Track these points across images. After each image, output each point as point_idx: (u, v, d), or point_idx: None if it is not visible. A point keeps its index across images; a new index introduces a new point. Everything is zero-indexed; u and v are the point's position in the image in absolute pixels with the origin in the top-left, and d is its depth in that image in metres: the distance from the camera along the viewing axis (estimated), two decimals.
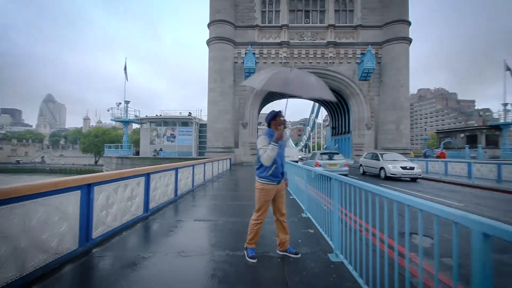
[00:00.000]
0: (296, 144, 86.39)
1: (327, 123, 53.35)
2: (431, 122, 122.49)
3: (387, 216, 1.88)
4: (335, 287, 2.41)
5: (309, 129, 70.84)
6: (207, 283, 2.46)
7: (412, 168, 12.08)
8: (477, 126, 33.86)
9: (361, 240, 2.31)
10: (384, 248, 2.27)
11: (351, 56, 24.98)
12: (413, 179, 12.38)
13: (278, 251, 3.16)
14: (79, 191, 3.23)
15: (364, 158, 15.45)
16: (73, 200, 3.13)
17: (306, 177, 5.04)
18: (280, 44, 24.93)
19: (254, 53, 24.02)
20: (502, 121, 26.13)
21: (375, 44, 24.42)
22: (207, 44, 24.75)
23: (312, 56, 25.02)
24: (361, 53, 24.55)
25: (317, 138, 74.19)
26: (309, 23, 25.59)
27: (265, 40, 25.22)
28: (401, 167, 12.06)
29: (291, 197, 6.86)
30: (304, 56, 25.05)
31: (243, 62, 24.19)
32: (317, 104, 47.30)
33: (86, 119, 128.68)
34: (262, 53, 25.03)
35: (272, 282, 2.49)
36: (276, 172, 2.91)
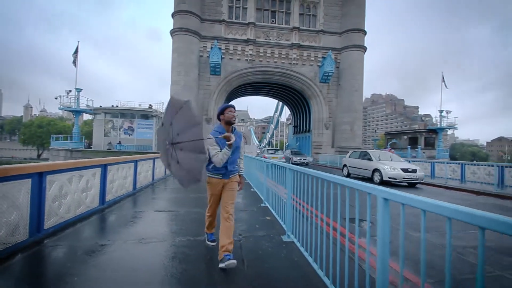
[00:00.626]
0: (260, 142, 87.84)
1: (289, 122, 55.31)
2: (381, 124, 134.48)
3: (333, 201, 2.24)
4: (285, 260, 2.75)
5: (273, 127, 72.52)
6: (167, 264, 2.60)
7: (414, 171, 9.81)
8: (417, 129, 38.26)
9: (306, 221, 2.67)
10: (330, 230, 2.66)
11: (313, 59, 26.32)
12: (412, 184, 10.02)
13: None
14: (30, 180, 3.08)
15: (350, 157, 12.79)
16: (23, 189, 2.98)
17: (266, 171, 5.38)
18: (247, 42, 25.16)
19: (220, 48, 23.88)
20: (438, 126, 29.97)
21: (334, 50, 26.08)
22: (171, 34, 23.89)
23: (277, 56, 25.76)
24: (322, 57, 26.03)
25: (280, 136, 76.41)
26: (275, 23, 26.25)
27: (231, 36, 25.20)
28: (401, 169, 9.71)
29: (252, 189, 7.18)
30: (269, 55, 25.65)
31: (208, 56, 23.89)
32: (280, 103, 48.66)
33: (28, 107, 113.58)
34: (228, 48, 25.00)
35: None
36: (222, 169, 2.68)
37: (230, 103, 2.88)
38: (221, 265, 2.45)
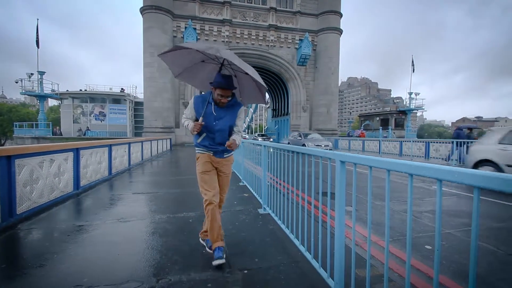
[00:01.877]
0: None
1: (268, 106, 55.45)
2: (357, 107, 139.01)
3: (314, 177, 2.43)
4: (261, 229, 2.97)
5: (252, 111, 72.35)
6: (148, 238, 2.72)
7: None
8: (389, 111, 40.14)
9: (280, 194, 2.88)
10: (306, 204, 2.89)
11: (290, 41, 26.16)
12: None
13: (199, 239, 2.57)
14: None
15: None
16: None
17: (243, 152, 5.53)
18: (223, 22, 24.34)
19: (195, 29, 22.93)
20: (407, 107, 31.62)
21: (311, 32, 26.07)
22: (141, 12, 22.43)
23: (255, 37, 25.28)
24: (300, 39, 25.95)
25: (260, 120, 76.56)
26: (251, 3, 25.51)
27: (206, 15, 24.21)
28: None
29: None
30: (246, 36, 25.10)
31: (183, 37, 22.89)
32: None
33: None
34: (204, 29, 24.08)
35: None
36: (206, 142, 2.30)
37: (223, 82, 2.16)
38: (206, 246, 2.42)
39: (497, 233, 3.09)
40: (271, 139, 21.03)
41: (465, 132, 10.94)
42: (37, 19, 23.04)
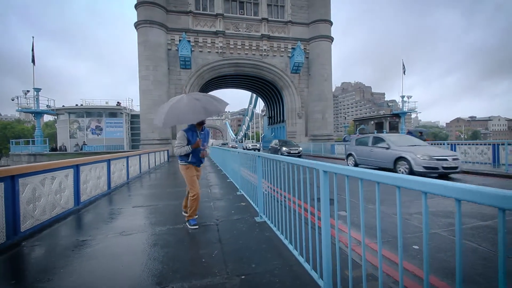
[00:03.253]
0: (236, 135, 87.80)
1: (264, 113, 55.92)
2: (352, 111, 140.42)
3: (302, 183, 2.60)
4: (257, 236, 3.11)
5: (248, 119, 72.73)
6: (150, 249, 2.84)
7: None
8: (382, 114, 40.69)
9: (276, 202, 3.03)
10: (297, 208, 3.04)
11: (283, 50, 26.73)
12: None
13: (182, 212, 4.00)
14: (2, 184, 3.09)
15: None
16: None
17: (239, 160, 5.68)
18: (216, 34, 24.85)
19: (189, 41, 23.35)
20: (400, 110, 32.14)
21: (303, 40, 26.69)
22: (136, 27, 22.86)
23: (248, 47, 25.79)
24: (292, 48, 26.53)
25: (256, 127, 76.90)
26: (244, 14, 26.13)
27: (200, 28, 24.72)
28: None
29: (228, 180, 7.47)
30: (240, 47, 25.60)
31: (177, 50, 23.30)
32: (254, 95, 48.87)
33: None
34: (198, 41, 24.54)
35: (208, 241, 3.03)
36: (194, 160, 3.57)
37: (202, 121, 3.55)
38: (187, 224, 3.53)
39: (480, 231, 3.25)
40: (298, 150, 19.10)
41: (417, 135, 12.44)
42: (32, 37, 23.31)
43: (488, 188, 0.77)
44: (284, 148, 16.61)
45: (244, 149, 22.94)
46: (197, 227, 3.48)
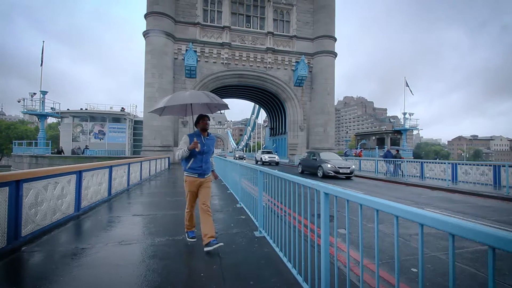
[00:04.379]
0: (237, 144, 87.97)
1: (266, 124, 56.18)
2: (353, 125, 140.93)
3: (303, 200, 2.64)
4: (256, 252, 3.11)
5: (250, 129, 73.01)
6: (148, 261, 2.84)
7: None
8: (384, 130, 40.80)
9: (276, 217, 3.05)
10: (297, 224, 3.06)
11: (287, 63, 27.19)
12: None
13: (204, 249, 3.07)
14: (7, 188, 3.14)
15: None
16: (1, 197, 3.04)
17: (240, 172, 5.72)
18: (222, 45, 25.37)
19: (195, 51, 23.84)
20: (402, 127, 32.27)
21: (307, 55, 27.17)
22: (144, 36, 23.41)
23: (253, 59, 26.26)
24: (296, 61, 26.99)
25: (258, 138, 77.08)
26: (250, 27, 26.75)
27: (206, 39, 25.27)
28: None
29: (229, 191, 7.48)
30: (245, 59, 26.07)
31: (183, 59, 23.76)
32: (257, 106, 49.26)
33: None
34: (204, 51, 25.03)
35: (207, 256, 3.03)
36: (194, 166, 3.21)
37: (205, 114, 3.42)
38: (207, 248, 2.98)
39: (480, 255, 3.24)
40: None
41: (393, 153, 15.09)
42: (43, 41, 23.92)
43: (480, 226, 0.81)
44: (328, 166, 12.64)
45: (258, 162, 22.80)
46: (195, 239, 3.36)
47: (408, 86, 32.52)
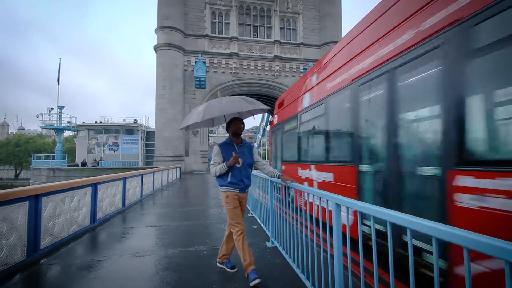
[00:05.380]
0: None
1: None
2: None
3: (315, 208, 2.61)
4: (269, 263, 3.08)
5: (260, 136, 73.15)
6: (162, 273, 2.86)
7: None
8: None
9: (290, 227, 3.02)
10: (309, 233, 3.02)
11: (295, 70, 27.31)
12: None
13: (217, 263, 3.02)
14: (27, 202, 3.27)
15: None
16: (21, 211, 3.17)
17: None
18: (230, 55, 25.83)
19: (204, 62, 24.36)
20: None
21: (315, 61, 27.15)
22: (155, 50, 24.16)
23: (261, 68, 26.55)
24: (304, 68, 27.05)
25: (268, 145, 76.98)
26: (257, 37, 27.17)
27: (215, 50, 25.81)
28: None
29: None
30: (253, 67, 26.40)
31: (193, 70, 24.29)
32: (266, 113, 49.42)
33: (4, 125, 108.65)
34: (213, 62, 25.53)
35: (221, 268, 3.03)
36: (234, 181, 2.73)
37: (236, 116, 2.97)
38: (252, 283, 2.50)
39: None
40: None
41: None
42: (60, 59, 25.08)
43: (497, 240, 0.79)
44: None
45: None
46: (259, 280, 2.51)
47: None
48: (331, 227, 1.86)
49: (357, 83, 3.81)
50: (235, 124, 2.85)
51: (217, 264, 3.03)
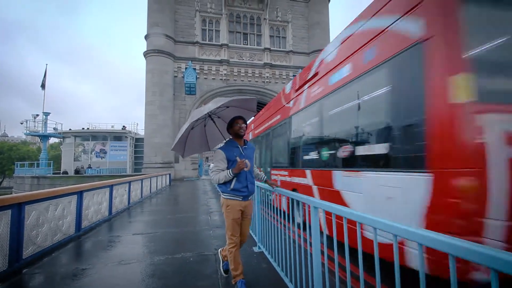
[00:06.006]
0: None
1: None
2: None
3: (301, 210, 2.70)
4: (255, 268, 3.13)
5: None
6: (147, 280, 2.87)
7: None
8: None
9: (275, 231, 3.10)
10: (296, 238, 3.10)
11: (285, 77, 27.76)
12: None
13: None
14: (9, 211, 3.22)
15: None
16: (3, 220, 3.12)
17: None
18: (221, 62, 26.03)
19: (194, 69, 24.45)
20: None
21: (304, 68, 27.76)
22: (144, 56, 24.08)
23: (251, 75, 26.85)
24: (293, 75, 27.52)
25: None
26: (247, 44, 27.54)
27: (205, 56, 25.97)
28: None
29: None
30: (243, 74, 26.66)
31: (183, 77, 24.31)
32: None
33: None
34: (203, 69, 25.64)
35: (205, 272, 3.06)
36: (239, 187, 2.48)
37: (238, 115, 2.64)
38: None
39: None
40: None
41: None
42: (46, 64, 24.62)
43: (481, 246, 0.80)
44: None
45: None
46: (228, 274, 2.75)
47: None
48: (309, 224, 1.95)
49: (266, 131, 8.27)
50: (237, 123, 2.55)
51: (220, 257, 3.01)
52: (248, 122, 3.03)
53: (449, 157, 1.94)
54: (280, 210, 2.93)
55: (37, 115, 23.01)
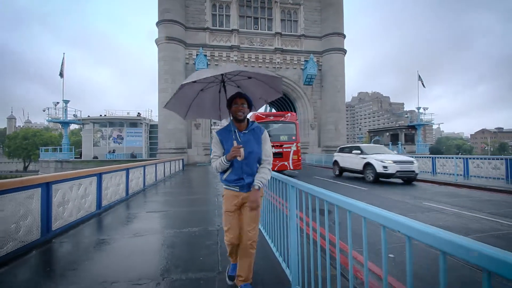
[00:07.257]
0: None
1: None
2: (369, 122, 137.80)
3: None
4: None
5: None
6: (158, 248, 3.31)
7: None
8: (398, 126, 39.84)
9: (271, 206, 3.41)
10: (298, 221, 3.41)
11: (296, 62, 27.34)
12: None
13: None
14: (39, 189, 3.71)
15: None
16: (35, 196, 3.61)
17: None
18: (231, 48, 25.94)
19: (205, 55, 24.57)
20: (416, 122, 31.46)
21: (316, 53, 27.18)
22: (156, 43, 24.39)
23: (262, 60, 26.65)
24: (305, 60, 27.07)
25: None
26: (258, 29, 27.15)
27: (216, 43, 25.94)
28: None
29: None
30: (254, 60, 26.51)
31: (194, 63, 24.54)
32: (268, 106, 49.52)
33: (11, 119, 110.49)
34: (214, 55, 25.71)
35: (207, 243, 3.45)
36: (231, 178, 2.15)
37: (233, 94, 2.19)
38: None
39: None
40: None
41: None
42: (63, 53, 25.48)
43: (433, 228, 0.84)
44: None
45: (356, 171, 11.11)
46: (234, 281, 2.32)
47: (421, 79, 31.57)
48: None
49: None
50: (235, 102, 2.13)
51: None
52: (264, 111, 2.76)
53: None
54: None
55: (58, 102, 24.17)
